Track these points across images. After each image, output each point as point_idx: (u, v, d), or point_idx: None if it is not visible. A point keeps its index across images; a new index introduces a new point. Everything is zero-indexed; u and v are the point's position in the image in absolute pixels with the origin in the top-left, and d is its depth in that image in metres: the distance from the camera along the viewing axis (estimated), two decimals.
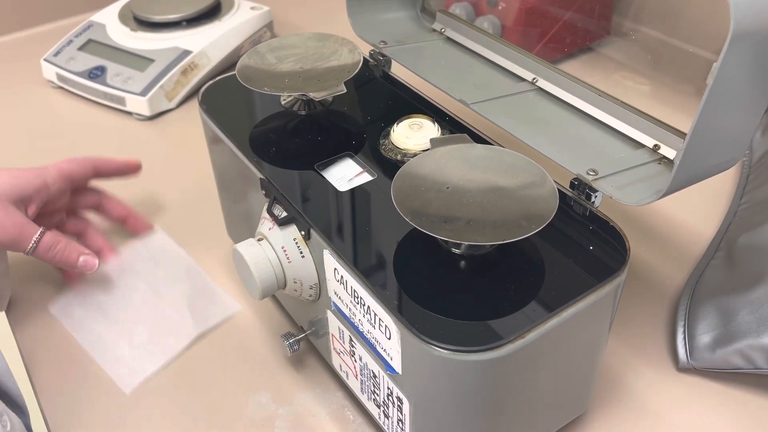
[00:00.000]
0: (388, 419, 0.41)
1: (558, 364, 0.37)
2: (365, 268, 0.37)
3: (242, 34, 0.82)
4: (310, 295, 0.43)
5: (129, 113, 0.76)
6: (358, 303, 0.38)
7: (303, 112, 0.49)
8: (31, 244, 0.48)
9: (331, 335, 0.44)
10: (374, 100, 0.50)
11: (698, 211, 0.61)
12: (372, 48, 0.55)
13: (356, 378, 0.43)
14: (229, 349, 0.51)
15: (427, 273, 0.38)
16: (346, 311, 0.40)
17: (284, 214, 0.41)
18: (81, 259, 0.50)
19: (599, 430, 0.45)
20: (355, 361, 0.42)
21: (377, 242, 0.39)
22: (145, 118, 0.75)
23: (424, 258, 0.38)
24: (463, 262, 0.37)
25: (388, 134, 0.46)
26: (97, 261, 0.51)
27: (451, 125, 0.47)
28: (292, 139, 0.47)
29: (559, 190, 0.38)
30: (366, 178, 0.43)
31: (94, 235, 0.56)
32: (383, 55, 0.53)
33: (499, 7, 0.76)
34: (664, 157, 0.42)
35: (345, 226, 0.40)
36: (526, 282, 0.36)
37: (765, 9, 0.32)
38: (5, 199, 0.48)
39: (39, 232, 0.48)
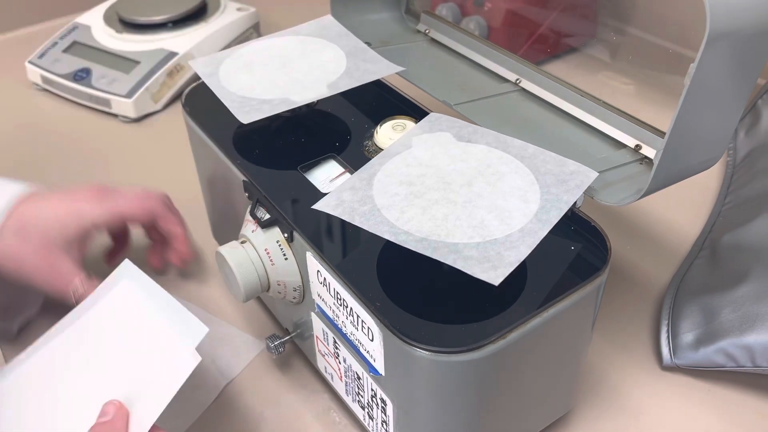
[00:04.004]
0: (372, 421, 0.41)
1: (541, 364, 0.37)
2: (348, 270, 0.37)
3: (229, 35, 0.82)
4: (294, 298, 0.43)
5: (114, 115, 0.76)
6: (341, 305, 0.38)
7: (287, 113, 0.49)
8: (76, 288, 0.46)
9: (315, 337, 0.44)
10: (358, 102, 0.50)
11: (683, 211, 0.61)
12: None
13: (341, 380, 0.43)
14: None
15: (409, 274, 0.38)
16: (330, 313, 0.40)
17: (267, 216, 0.41)
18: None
19: (584, 428, 0.45)
20: (340, 362, 0.42)
21: (360, 244, 0.39)
22: (130, 120, 0.75)
23: (406, 260, 0.38)
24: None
25: (371, 135, 0.46)
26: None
27: None
28: (275, 140, 0.47)
29: None
30: None
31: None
32: None
33: (485, 8, 0.76)
34: (646, 157, 0.42)
35: (328, 228, 0.40)
36: (508, 282, 0.36)
37: (740, 10, 0.32)
38: (52, 245, 0.45)
39: (74, 287, 0.45)
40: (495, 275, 0.32)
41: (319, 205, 0.37)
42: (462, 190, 0.37)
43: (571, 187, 0.37)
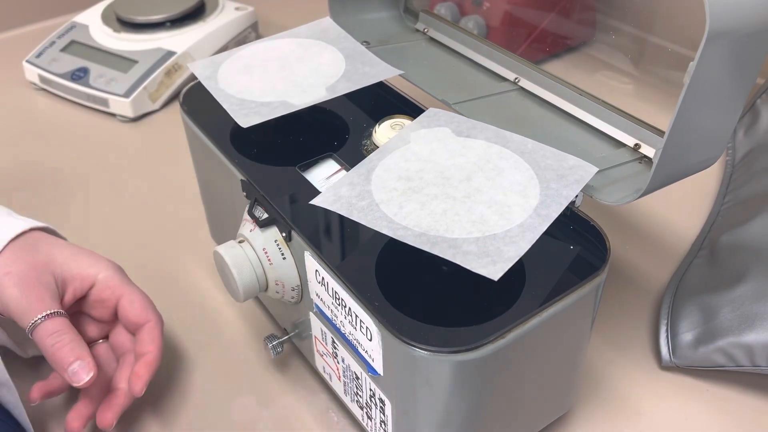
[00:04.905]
0: (371, 421, 0.41)
1: (540, 363, 0.37)
2: (346, 270, 0.37)
3: (227, 34, 0.81)
4: (292, 297, 0.43)
5: (112, 115, 0.75)
6: (339, 305, 0.37)
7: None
8: (35, 319, 0.40)
9: (314, 337, 0.44)
10: (357, 100, 0.50)
11: (683, 210, 0.61)
12: None
13: (339, 380, 0.43)
14: (213, 351, 0.51)
15: (407, 274, 0.38)
16: (328, 313, 0.39)
17: (265, 215, 0.41)
18: (75, 363, 0.39)
19: (583, 428, 0.45)
20: (338, 362, 0.42)
21: (358, 244, 0.39)
22: (128, 119, 0.75)
23: (404, 259, 0.37)
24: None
25: (370, 135, 0.46)
26: (89, 375, 0.40)
27: None
28: (273, 139, 0.47)
29: None
30: None
31: (131, 361, 0.45)
32: None
33: (484, 7, 0.76)
34: (645, 156, 0.42)
35: (326, 227, 0.40)
36: (507, 282, 0.35)
37: (740, 9, 0.32)
38: (48, 270, 0.42)
39: (52, 311, 0.40)
40: (494, 270, 0.32)
41: (316, 201, 0.37)
42: (461, 185, 0.37)
43: (570, 182, 0.37)
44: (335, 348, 0.41)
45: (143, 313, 0.44)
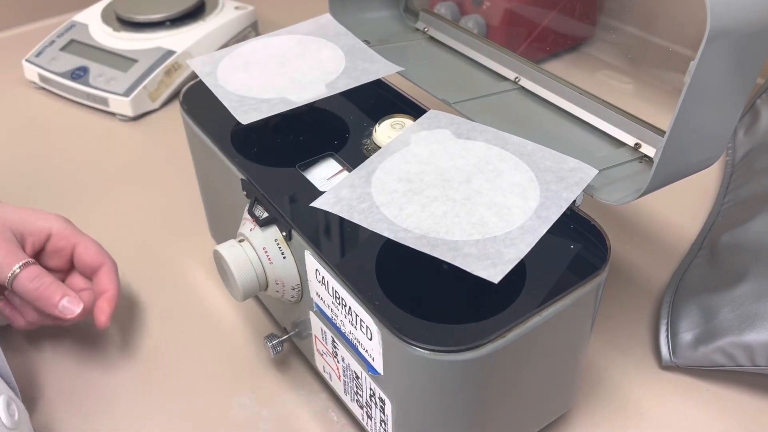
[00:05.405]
0: (371, 420, 0.41)
1: (540, 363, 0.37)
2: (346, 269, 0.37)
3: (226, 33, 0.81)
4: (293, 296, 0.43)
5: (112, 114, 0.75)
6: (339, 304, 0.37)
7: (285, 112, 0.48)
8: (13, 270, 0.44)
9: (314, 336, 0.43)
10: (357, 100, 0.50)
11: (683, 210, 0.61)
12: None
13: (339, 379, 0.43)
14: (213, 350, 0.51)
15: (407, 273, 0.38)
16: (328, 312, 0.39)
17: (265, 214, 0.41)
18: (64, 300, 0.44)
19: (583, 428, 0.45)
20: (338, 362, 0.42)
21: (358, 243, 0.39)
22: (128, 118, 0.75)
23: (404, 258, 0.37)
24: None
25: (370, 134, 0.46)
26: (79, 308, 0.45)
27: None
28: (273, 138, 0.47)
29: None
30: None
31: (92, 295, 0.48)
32: None
33: (484, 7, 0.76)
34: (645, 156, 0.42)
35: (326, 227, 0.40)
36: (507, 281, 0.35)
37: (741, 8, 0.32)
38: (6, 228, 0.45)
39: (25, 260, 0.44)
40: (494, 272, 0.32)
41: (317, 203, 0.37)
42: (461, 187, 0.37)
43: (570, 184, 0.37)
44: (335, 347, 0.41)
45: (98, 257, 0.48)
